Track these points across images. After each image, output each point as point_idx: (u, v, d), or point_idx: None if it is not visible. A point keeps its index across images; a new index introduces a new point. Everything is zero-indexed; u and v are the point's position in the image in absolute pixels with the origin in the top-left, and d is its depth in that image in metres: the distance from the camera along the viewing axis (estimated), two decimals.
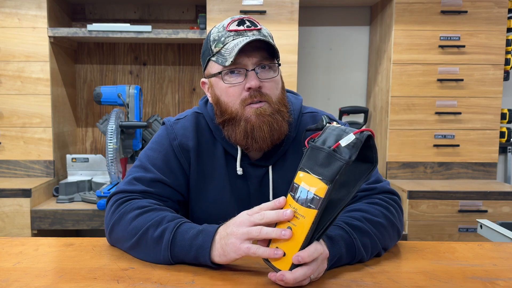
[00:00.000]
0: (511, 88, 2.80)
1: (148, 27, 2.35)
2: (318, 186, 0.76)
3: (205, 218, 1.11)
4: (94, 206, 2.19)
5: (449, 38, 2.42)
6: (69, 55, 2.69)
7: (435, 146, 2.48)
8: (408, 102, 2.46)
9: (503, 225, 1.65)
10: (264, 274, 0.85)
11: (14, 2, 2.33)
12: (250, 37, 1.01)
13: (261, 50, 1.03)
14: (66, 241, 1.06)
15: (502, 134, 2.53)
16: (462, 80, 2.43)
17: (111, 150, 2.17)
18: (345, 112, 2.67)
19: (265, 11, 2.35)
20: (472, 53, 2.43)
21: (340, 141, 0.77)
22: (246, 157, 1.12)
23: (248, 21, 1.05)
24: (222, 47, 1.03)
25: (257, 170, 1.12)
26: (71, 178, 2.48)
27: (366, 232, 0.93)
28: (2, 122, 2.39)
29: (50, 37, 2.36)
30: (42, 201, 2.30)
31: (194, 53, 2.80)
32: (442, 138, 2.48)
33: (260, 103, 1.03)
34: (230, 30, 1.03)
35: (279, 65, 1.07)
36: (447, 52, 2.43)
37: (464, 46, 2.41)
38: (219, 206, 1.12)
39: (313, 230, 0.77)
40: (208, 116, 1.13)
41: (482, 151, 2.48)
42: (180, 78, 2.83)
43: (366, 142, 0.78)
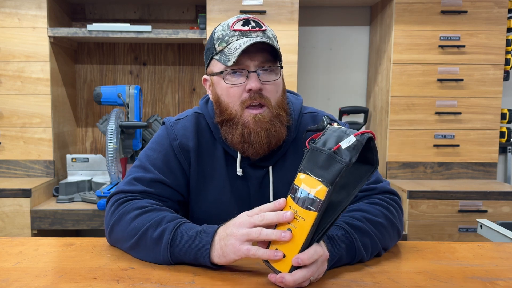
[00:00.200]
0: (511, 88, 2.80)
1: (148, 27, 2.35)
2: (318, 188, 0.76)
3: (205, 219, 1.11)
4: (94, 206, 2.19)
5: (449, 38, 2.42)
6: (69, 55, 2.69)
7: (435, 146, 2.48)
8: (408, 102, 2.46)
9: (503, 225, 1.65)
10: (264, 275, 0.85)
11: (14, 2, 2.33)
12: (254, 38, 1.01)
13: (264, 52, 1.03)
14: (66, 241, 1.06)
15: (502, 134, 2.53)
16: (462, 80, 2.43)
17: (111, 150, 2.17)
18: (345, 112, 2.67)
19: (265, 11, 2.35)
20: (472, 53, 2.43)
21: (340, 143, 0.77)
22: (246, 157, 1.12)
23: (253, 21, 1.04)
24: (226, 46, 1.03)
25: (257, 171, 1.12)
26: (71, 178, 2.48)
27: (366, 232, 0.93)
28: (2, 122, 2.39)
29: (50, 37, 2.36)
30: (42, 201, 2.30)
31: (194, 53, 2.80)
32: (442, 138, 2.48)
33: (259, 109, 1.03)
34: (235, 30, 1.03)
35: (281, 68, 1.07)
36: (447, 52, 2.43)
37: (464, 46, 2.41)
38: (219, 207, 1.12)
39: (313, 232, 0.77)
40: (208, 116, 1.13)
41: (482, 151, 2.48)
42: (180, 78, 2.83)
43: (367, 144, 0.78)
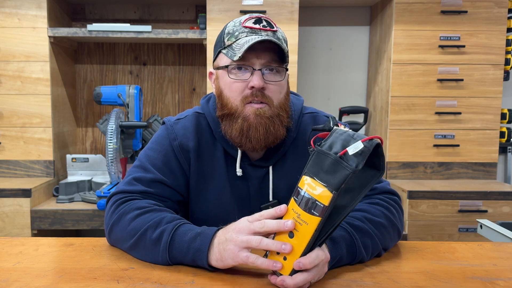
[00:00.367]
0: (511, 88, 2.80)
1: (148, 27, 2.35)
2: (322, 194, 0.75)
3: (205, 219, 1.11)
4: (94, 206, 2.19)
5: (449, 38, 2.42)
6: (69, 55, 2.69)
7: (435, 146, 2.48)
8: (408, 102, 2.46)
9: (503, 225, 1.65)
10: (264, 275, 0.85)
11: (14, 2, 2.33)
12: (263, 36, 1.01)
13: (271, 52, 1.03)
14: (66, 241, 1.06)
15: (502, 134, 2.53)
16: (462, 80, 2.43)
17: (111, 150, 2.17)
18: (345, 112, 2.67)
19: (265, 11, 2.35)
20: (472, 53, 2.43)
21: (347, 148, 0.75)
22: (246, 157, 1.12)
23: (265, 20, 1.05)
24: (234, 42, 1.03)
25: (257, 171, 1.12)
26: (71, 178, 2.48)
27: (367, 232, 0.93)
28: (2, 122, 2.39)
29: (50, 37, 2.36)
30: (42, 201, 2.30)
31: (194, 53, 2.80)
32: (442, 138, 2.48)
33: (260, 104, 1.03)
34: (246, 26, 1.03)
35: (287, 70, 1.07)
36: (447, 52, 2.43)
37: (464, 46, 2.41)
38: (219, 207, 1.12)
39: (315, 237, 0.76)
40: (209, 114, 1.13)
41: (482, 151, 2.48)
42: (180, 78, 2.83)
43: (374, 150, 0.76)
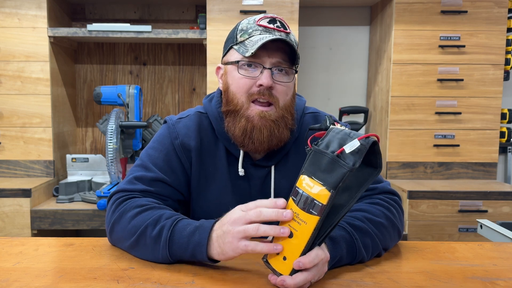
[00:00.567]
0: (511, 88, 2.80)
1: (148, 27, 2.35)
2: (320, 193, 0.75)
3: (206, 218, 1.11)
4: (94, 206, 2.19)
5: (449, 38, 2.42)
6: (69, 55, 2.69)
7: (435, 146, 2.48)
8: (408, 102, 2.46)
9: (503, 225, 1.65)
10: (264, 275, 0.85)
11: (14, 2, 2.33)
12: (277, 36, 1.01)
13: (283, 52, 1.03)
14: (66, 241, 1.06)
15: (502, 134, 2.53)
16: (462, 80, 2.43)
17: (111, 150, 2.17)
18: (345, 112, 2.67)
19: (265, 11, 2.35)
20: (472, 53, 2.43)
21: (344, 146, 0.75)
22: (248, 157, 1.12)
23: (279, 21, 1.05)
24: (247, 38, 1.03)
25: (259, 171, 1.12)
26: (71, 178, 2.48)
27: (367, 232, 0.94)
28: (2, 122, 2.39)
29: (50, 37, 2.36)
30: (42, 201, 2.30)
31: (194, 53, 2.80)
32: (442, 138, 2.48)
33: (267, 107, 1.03)
34: (260, 25, 1.04)
35: (296, 72, 1.07)
36: (447, 52, 2.43)
37: (464, 46, 2.41)
38: (220, 206, 1.12)
39: (314, 236, 0.76)
40: (212, 114, 1.13)
41: (482, 151, 2.48)
42: (180, 78, 2.83)
43: (371, 148, 0.77)
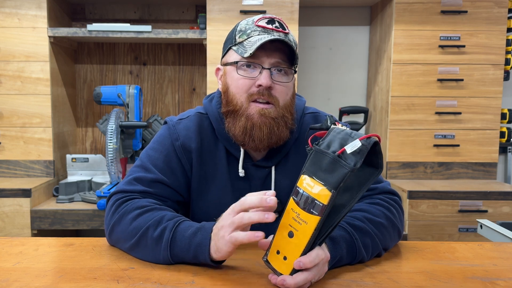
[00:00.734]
0: (511, 88, 2.80)
1: (148, 27, 2.35)
2: (321, 193, 0.75)
3: (205, 219, 1.10)
4: (94, 206, 2.19)
5: (449, 38, 2.42)
6: (69, 55, 2.69)
7: (435, 146, 2.48)
8: (408, 102, 2.46)
9: (503, 225, 1.65)
10: (264, 275, 0.85)
11: (14, 2, 2.33)
12: (275, 36, 1.01)
13: (281, 52, 1.03)
14: (66, 241, 1.06)
15: (502, 134, 2.53)
16: (462, 80, 2.43)
17: (111, 150, 2.17)
18: (345, 112, 2.67)
19: (265, 11, 2.35)
20: (472, 53, 2.43)
21: (345, 146, 0.75)
22: (248, 158, 1.12)
23: (278, 22, 1.05)
24: (246, 39, 1.03)
25: (259, 171, 1.12)
26: (71, 178, 2.48)
27: (367, 232, 0.93)
28: (2, 122, 2.39)
29: (50, 37, 2.36)
30: (42, 201, 2.30)
31: (194, 53, 2.80)
32: (442, 138, 2.48)
33: (266, 105, 1.03)
34: (259, 26, 1.04)
35: (295, 72, 1.07)
36: (447, 52, 2.43)
37: (464, 46, 2.41)
38: (220, 207, 1.11)
39: (315, 236, 0.76)
40: (212, 114, 1.13)
41: (482, 151, 2.48)
42: (180, 78, 2.83)
43: (372, 148, 0.77)
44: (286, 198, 0.82)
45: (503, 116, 2.50)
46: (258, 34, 1.02)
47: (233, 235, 0.80)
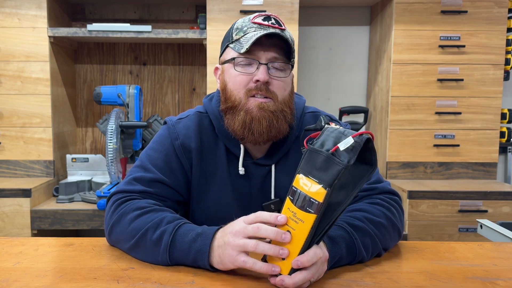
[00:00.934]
0: (511, 88, 2.80)
1: (148, 27, 2.35)
2: (316, 191, 0.75)
3: (205, 219, 1.11)
4: (94, 206, 2.19)
5: (449, 38, 2.42)
6: (69, 55, 2.69)
7: (435, 146, 2.48)
8: (408, 102, 2.46)
9: (503, 225, 1.65)
10: (264, 276, 0.85)
11: (14, 2, 2.33)
12: (271, 31, 1.01)
13: (278, 48, 1.03)
14: (66, 241, 1.06)
15: (502, 134, 2.53)
16: (462, 80, 2.43)
17: (111, 150, 2.17)
18: (345, 112, 2.67)
19: (265, 11, 2.35)
20: (472, 53, 2.43)
21: (338, 144, 0.76)
22: (248, 156, 1.12)
23: (274, 19, 1.05)
24: (242, 36, 1.04)
25: (259, 169, 1.12)
26: (71, 178, 2.48)
27: (367, 232, 0.93)
28: (2, 122, 2.39)
29: (50, 37, 2.36)
30: (42, 201, 2.30)
31: (194, 53, 2.80)
32: (442, 138, 2.48)
33: (265, 99, 1.03)
34: (255, 22, 1.04)
35: (293, 67, 1.08)
36: (447, 52, 2.43)
37: (464, 46, 2.41)
38: (220, 206, 1.12)
39: (312, 234, 0.77)
40: (212, 113, 1.13)
41: (482, 151, 2.48)
42: (180, 78, 2.83)
43: (365, 145, 0.77)
44: (286, 197, 0.82)
45: (503, 116, 2.50)
46: (254, 31, 1.03)
47: (248, 262, 0.80)
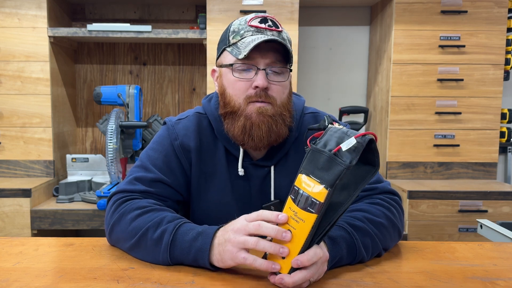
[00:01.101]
0: (511, 88, 2.80)
1: (148, 27, 2.35)
2: (318, 190, 0.75)
3: (205, 219, 1.11)
4: (94, 206, 2.19)
5: (449, 38, 2.42)
6: (69, 55, 2.69)
7: (435, 146, 2.48)
8: (408, 102, 2.46)
9: (503, 225, 1.65)
10: (264, 276, 0.85)
11: (14, 2, 2.33)
12: (269, 36, 1.01)
13: (276, 52, 1.03)
14: (66, 241, 1.06)
15: (502, 134, 2.53)
16: (462, 80, 2.43)
17: (111, 150, 2.17)
18: (345, 112, 2.67)
19: (265, 11, 2.35)
20: (472, 53, 2.43)
21: (341, 144, 0.76)
22: (247, 157, 1.12)
23: (271, 20, 1.05)
24: (240, 40, 1.03)
25: (258, 170, 1.12)
26: (71, 178, 2.48)
27: (367, 232, 0.93)
28: (2, 122, 2.39)
29: (50, 37, 2.36)
30: (42, 201, 2.30)
31: (194, 53, 2.80)
32: (442, 138, 2.48)
33: (263, 103, 1.03)
34: (251, 25, 1.03)
35: (291, 70, 1.07)
36: (447, 52, 2.43)
37: (464, 46, 2.41)
38: (220, 207, 1.12)
39: (312, 234, 0.77)
40: (211, 114, 1.13)
41: (482, 151, 2.48)
42: (180, 78, 2.83)
43: (368, 146, 0.77)
44: (285, 198, 0.82)
45: (503, 116, 2.50)
46: (252, 35, 1.02)
47: (248, 258, 0.80)
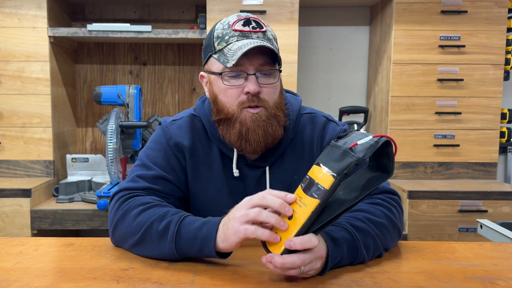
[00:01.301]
0: (511, 88, 2.80)
1: (148, 27, 2.35)
2: (324, 177, 0.77)
3: (205, 217, 1.11)
4: (94, 206, 2.19)
5: (449, 38, 2.42)
6: (69, 55, 2.69)
7: (435, 146, 2.48)
8: (408, 102, 2.46)
9: (503, 225, 1.65)
10: (264, 276, 0.85)
11: (14, 2, 2.33)
12: (254, 40, 1.01)
13: (264, 54, 1.03)
14: (66, 241, 1.06)
15: (502, 134, 2.53)
16: (462, 80, 2.43)
17: (111, 150, 2.17)
18: (345, 112, 2.67)
19: (265, 11, 2.35)
20: (472, 53, 2.43)
21: (358, 141, 0.79)
22: (242, 158, 1.12)
23: (254, 21, 1.04)
24: (225, 46, 1.03)
25: (254, 171, 1.12)
26: (71, 178, 2.48)
27: (368, 233, 0.93)
28: (2, 122, 2.39)
29: (50, 37, 2.36)
30: (42, 201, 2.30)
31: (194, 53, 2.80)
32: (442, 138, 2.48)
33: (257, 108, 1.03)
34: (235, 30, 1.03)
35: (280, 71, 1.07)
36: (447, 52, 2.43)
37: (464, 46, 2.41)
38: (216, 208, 1.12)
39: (311, 220, 0.78)
40: (205, 117, 1.13)
41: (482, 151, 2.48)
42: (180, 78, 2.83)
43: (384, 149, 0.79)
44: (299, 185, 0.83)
45: (503, 116, 2.50)
46: (237, 40, 1.02)
47: (249, 229, 0.80)
